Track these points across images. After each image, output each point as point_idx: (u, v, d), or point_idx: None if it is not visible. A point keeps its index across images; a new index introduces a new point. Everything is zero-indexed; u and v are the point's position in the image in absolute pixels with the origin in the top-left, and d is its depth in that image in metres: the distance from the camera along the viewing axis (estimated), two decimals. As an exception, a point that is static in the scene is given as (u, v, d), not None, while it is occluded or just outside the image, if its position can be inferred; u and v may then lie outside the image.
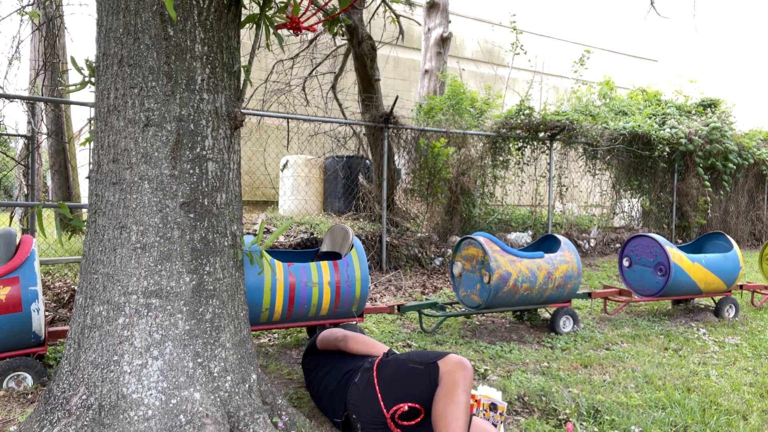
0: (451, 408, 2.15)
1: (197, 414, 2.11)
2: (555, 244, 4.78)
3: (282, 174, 8.84)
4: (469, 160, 8.01)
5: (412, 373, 2.30)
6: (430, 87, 10.31)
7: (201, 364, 2.20)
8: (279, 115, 6.58)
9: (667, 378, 3.52)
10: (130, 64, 2.17)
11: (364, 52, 7.31)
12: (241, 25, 2.49)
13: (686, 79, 12.35)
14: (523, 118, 8.45)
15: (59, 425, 2.07)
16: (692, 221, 10.31)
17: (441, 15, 10.35)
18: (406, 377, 2.31)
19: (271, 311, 3.51)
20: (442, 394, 2.19)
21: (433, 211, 7.95)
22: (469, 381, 2.21)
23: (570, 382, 3.37)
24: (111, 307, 2.15)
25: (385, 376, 2.37)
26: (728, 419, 2.89)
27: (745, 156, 10.68)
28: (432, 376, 2.24)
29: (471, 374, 2.22)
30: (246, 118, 6.43)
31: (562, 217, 9.34)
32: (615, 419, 2.79)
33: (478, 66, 16.49)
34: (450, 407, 2.15)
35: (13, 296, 2.84)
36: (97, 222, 2.24)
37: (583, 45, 18.01)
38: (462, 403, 2.16)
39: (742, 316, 5.48)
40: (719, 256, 5.24)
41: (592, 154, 9.45)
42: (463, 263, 4.56)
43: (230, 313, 2.35)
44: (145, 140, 2.17)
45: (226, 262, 2.34)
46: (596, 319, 5.20)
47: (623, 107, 10.62)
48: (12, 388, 2.94)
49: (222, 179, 2.34)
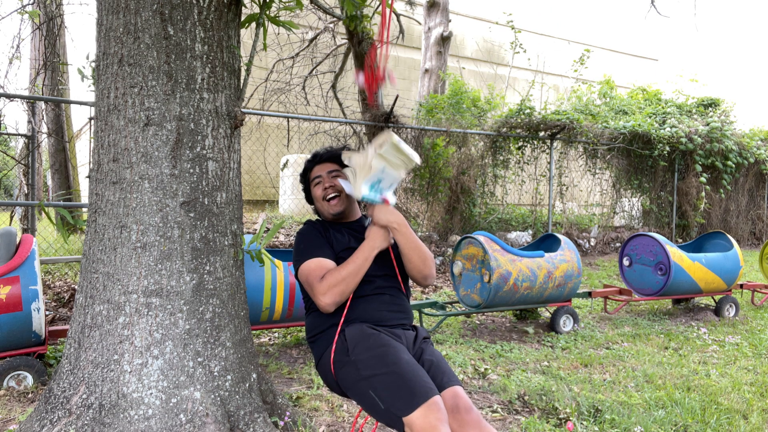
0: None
1: (197, 413, 2.11)
2: (555, 243, 4.78)
3: (282, 173, 8.84)
4: (470, 159, 8.02)
5: (371, 402, 1.81)
6: (431, 86, 10.31)
7: (201, 363, 2.20)
8: (279, 114, 6.58)
9: (668, 377, 3.52)
10: (130, 64, 2.17)
11: (364, 52, 7.31)
12: (242, 25, 2.49)
13: (687, 79, 12.32)
14: (523, 117, 8.44)
15: (60, 424, 2.07)
16: (692, 220, 10.31)
17: (441, 14, 10.34)
18: (363, 400, 1.85)
19: (271, 310, 3.52)
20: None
21: (433, 211, 7.95)
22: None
23: (570, 382, 3.37)
24: (111, 306, 2.16)
25: (344, 381, 1.93)
26: (728, 418, 2.89)
27: (745, 155, 10.68)
28: (392, 423, 1.75)
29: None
30: (246, 118, 6.43)
31: (562, 217, 9.34)
32: (615, 418, 2.79)
33: (478, 65, 16.49)
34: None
35: (13, 295, 2.84)
36: (97, 221, 2.24)
37: (583, 44, 18.01)
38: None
39: (743, 316, 5.48)
40: (719, 256, 5.24)
41: (592, 154, 9.45)
42: (464, 262, 4.56)
43: (230, 313, 2.35)
44: (146, 139, 2.17)
45: (226, 262, 2.34)
46: (596, 319, 5.20)
47: (623, 106, 10.61)
48: (12, 388, 2.94)
49: (222, 178, 2.34)
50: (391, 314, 2.06)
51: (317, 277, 1.98)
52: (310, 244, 2.11)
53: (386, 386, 1.77)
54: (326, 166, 2.27)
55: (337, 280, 1.94)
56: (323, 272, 1.99)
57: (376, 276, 2.09)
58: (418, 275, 2.12)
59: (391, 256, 2.16)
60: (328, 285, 1.94)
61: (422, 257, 2.08)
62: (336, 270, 1.98)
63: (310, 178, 2.31)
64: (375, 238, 2.03)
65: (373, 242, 2.02)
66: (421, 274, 2.11)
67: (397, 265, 2.17)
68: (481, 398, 3.11)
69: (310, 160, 2.32)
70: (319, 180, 2.25)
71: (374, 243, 2.02)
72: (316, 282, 1.97)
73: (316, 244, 2.10)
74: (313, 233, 2.15)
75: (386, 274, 2.14)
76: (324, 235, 2.15)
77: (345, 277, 1.95)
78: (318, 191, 2.25)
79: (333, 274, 1.96)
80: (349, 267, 1.97)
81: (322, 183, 2.24)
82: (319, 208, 2.28)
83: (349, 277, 1.95)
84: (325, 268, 2.01)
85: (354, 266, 1.97)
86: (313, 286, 1.98)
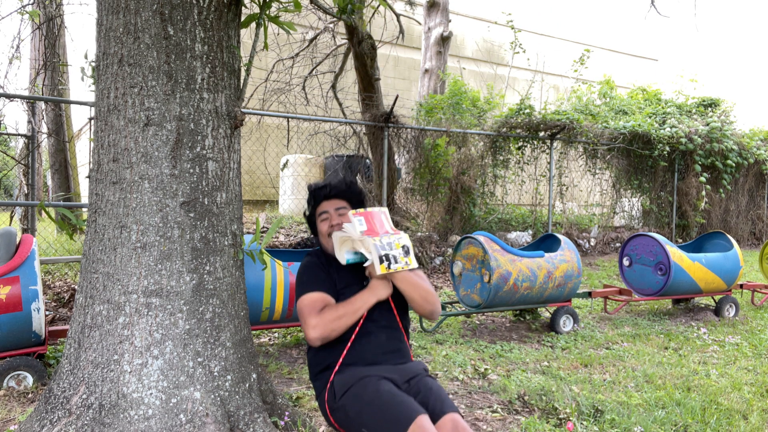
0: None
1: (197, 413, 2.11)
2: (555, 243, 4.78)
3: (282, 173, 8.85)
4: (470, 159, 8.01)
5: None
6: (431, 86, 10.31)
7: (201, 363, 2.20)
8: (279, 114, 6.58)
9: (668, 377, 3.52)
10: (130, 64, 2.17)
11: (364, 52, 7.31)
12: (242, 25, 2.49)
13: (687, 79, 12.31)
14: (523, 117, 8.44)
15: (59, 424, 2.07)
16: (692, 220, 10.31)
17: (441, 14, 10.34)
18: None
19: (271, 310, 3.51)
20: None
21: (433, 211, 7.95)
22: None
23: (570, 382, 3.37)
24: (111, 306, 2.15)
25: (340, 423, 1.99)
26: (728, 418, 2.89)
27: (745, 155, 10.68)
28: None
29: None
30: (246, 118, 6.43)
31: (562, 217, 9.34)
32: (615, 418, 2.79)
33: (478, 65, 16.49)
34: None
35: (13, 295, 2.84)
36: (97, 221, 2.24)
37: (583, 44, 18.00)
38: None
39: (743, 316, 5.48)
40: (719, 256, 5.24)
41: (592, 154, 9.45)
42: (464, 262, 4.56)
43: (230, 313, 2.35)
44: (145, 139, 2.17)
45: (226, 262, 2.34)
46: (596, 319, 5.20)
47: (623, 106, 10.61)
48: (12, 388, 2.94)
49: (222, 178, 2.34)
50: (385, 356, 2.08)
51: (312, 310, 2.02)
52: (311, 277, 2.13)
53: (373, 419, 1.83)
54: (334, 203, 2.26)
55: (328, 319, 1.98)
56: (320, 305, 2.03)
57: (373, 315, 2.09)
58: (424, 312, 2.13)
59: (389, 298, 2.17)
60: (319, 321, 1.98)
61: (424, 296, 2.09)
62: (332, 308, 2.01)
63: (317, 212, 2.29)
64: (377, 287, 2.06)
65: (374, 291, 2.05)
66: (426, 310, 2.12)
67: (394, 304, 2.17)
68: (481, 398, 3.11)
69: (318, 191, 2.30)
70: (326, 216, 2.25)
71: (375, 292, 2.05)
72: (309, 315, 2.01)
73: (316, 278, 2.12)
74: (316, 267, 2.17)
75: (384, 312, 2.14)
76: (326, 270, 2.16)
77: (337, 318, 1.99)
78: (324, 227, 2.24)
79: (327, 312, 2.00)
80: (344, 309, 2.00)
81: (329, 219, 2.24)
82: (324, 244, 2.26)
83: (342, 319, 1.99)
84: (322, 302, 2.05)
85: (350, 309, 2.00)
86: (306, 318, 2.01)
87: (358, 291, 2.09)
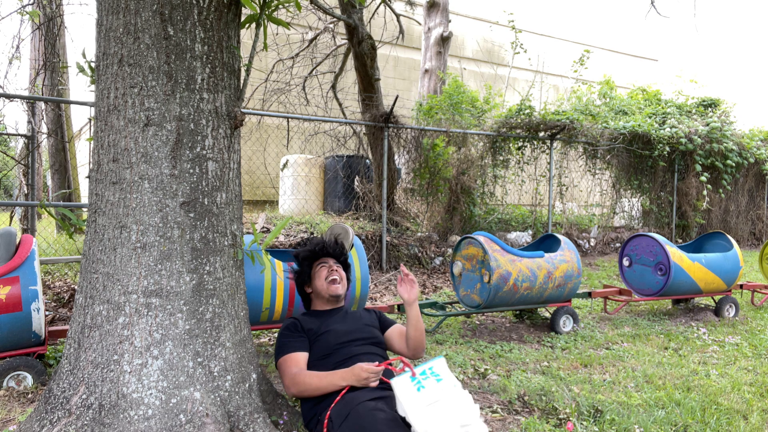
0: None
1: (197, 413, 2.11)
2: (555, 243, 4.78)
3: (282, 173, 8.85)
4: (469, 159, 8.01)
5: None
6: (431, 86, 10.31)
7: (201, 363, 2.20)
8: (279, 114, 6.58)
9: (668, 377, 3.52)
10: (130, 64, 2.17)
11: (364, 52, 7.31)
12: (242, 25, 2.49)
13: (686, 79, 12.32)
14: (523, 117, 8.44)
15: (59, 424, 2.07)
16: (692, 221, 10.31)
17: (441, 14, 10.34)
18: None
19: (271, 311, 3.51)
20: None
21: (433, 211, 7.95)
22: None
23: (570, 382, 3.37)
24: (111, 306, 2.15)
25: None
26: (728, 419, 2.89)
27: (745, 155, 10.68)
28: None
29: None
30: (246, 118, 6.43)
31: (562, 217, 9.34)
32: (615, 419, 2.79)
33: (478, 65, 16.49)
34: None
35: (13, 296, 2.84)
36: (97, 221, 2.24)
37: (583, 44, 18.01)
38: None
39: (742, 316, 5.48)
40: (719, 256, 5.24)
41: (592, 154, 9.45)
42: (463, 263, 4.56)
43: (230, 313, 2.35)
44: (145, 140, 2.17)
45: (226, 262, 2.34)
46: (596, 319, 5.20)
47: (623, 107, 10.61)
48: (12, 388, 2.94)
49: (222, 179, 2.34)
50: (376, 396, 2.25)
51: (289, 370, 2.37)
52: (288, 339, 2.47)
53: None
54: (332, 260, 2.72)
55: (302, 382, 2.30)
56: (296, 366, 2.37)
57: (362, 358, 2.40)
58: (414, 348, 2.57)
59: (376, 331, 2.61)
60: (295, 382, 2.32)
61: (418, 335, 2.55)
62: (308, 375, 2.31)
63: (313, 262, 2.69)
64: (349, 377, 2.23)
65: (346, 375, 2.24)
66: (415, 349, 2.57)
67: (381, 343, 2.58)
68: (481, 398, 3.11)
69: (317, 250, 2.71)
70: (325, 264, 2.67)
71: (346, 377, 2.24)
72: (287, 375, 2.36)
73: (292, 341, 2.46)
74: (292, 330, 2.51)
75: (371, 350, 2.50)
76: (303, 330, 2.51)
77: (309, 384, 2.28)
78: (323, 272, 2.64)
79: (303, 377, 2.31)
80: (317, 380, 2.28)
81: (328, 266, 2.65)
82: (318, 287, 2.65)
83: (312, 387, 2.28)
84: (298, 363, 2.39)
85: (320, 383, 2.26)
86: (284, 377, 2.37)
87: (334, 336, 2.46)
